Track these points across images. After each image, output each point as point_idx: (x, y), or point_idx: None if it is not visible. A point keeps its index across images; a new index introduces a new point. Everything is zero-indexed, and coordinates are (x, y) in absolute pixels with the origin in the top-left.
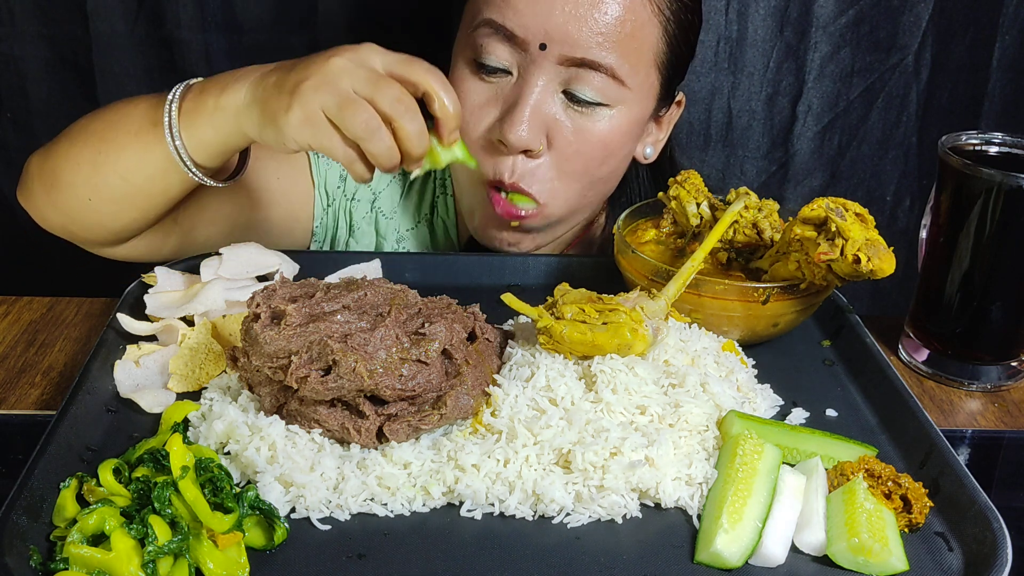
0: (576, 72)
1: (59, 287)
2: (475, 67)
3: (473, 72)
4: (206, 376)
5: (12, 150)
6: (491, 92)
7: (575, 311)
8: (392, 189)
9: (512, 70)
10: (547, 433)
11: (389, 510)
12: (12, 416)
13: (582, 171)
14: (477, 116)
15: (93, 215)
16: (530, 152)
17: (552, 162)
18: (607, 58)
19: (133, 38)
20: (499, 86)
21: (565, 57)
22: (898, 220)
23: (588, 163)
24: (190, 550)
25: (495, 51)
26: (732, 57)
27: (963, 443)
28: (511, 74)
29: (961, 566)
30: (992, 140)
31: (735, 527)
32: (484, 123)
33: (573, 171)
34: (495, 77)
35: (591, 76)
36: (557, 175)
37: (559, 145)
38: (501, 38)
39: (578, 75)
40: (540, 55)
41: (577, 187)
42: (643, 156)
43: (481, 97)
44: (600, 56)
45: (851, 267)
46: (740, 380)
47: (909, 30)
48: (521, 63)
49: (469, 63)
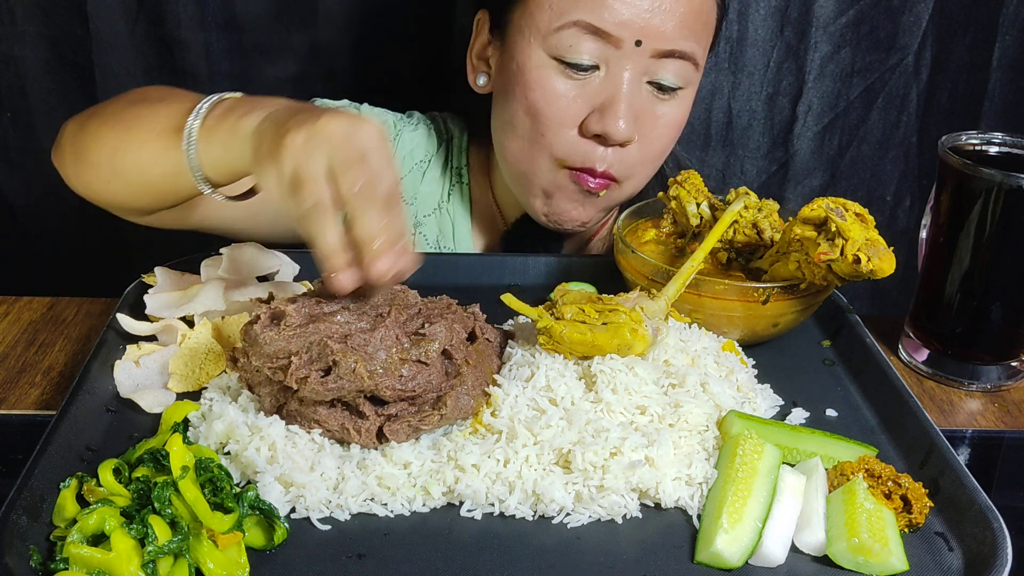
0: (662, 63)
1: (59, 287)
2: (561, 65)
3: (559, 70)
4: (206, 376)
5: (12, 150)
6: (578, 87)
7: (575, 311)
8: (413, 176)
9: (601, 65)
10: (547, 433)
11: (389, 510)
12: (12, 416)
13: (661, 153)
14: (565, 111)
15: (112, 195)
16: (626, 144)
17: (638, 148)
18: (691, 46)
19: (133, 38)
20: (587, 81)
21: (657, 51)
22: (898, 220)
23: (667, 145)
24: (190, 550)
25: (585, 49)
26: (732, 57)
27: (963, 443)
28: (599, 69)
29: (961, 566)
30: (992, 140)
31: (735, 527)
32: (574, 117)
33: (655, 154)
34: (584, 74)
35: (674, 63)
36: (641, 160)
37: (646, 132)
38: (591, 37)
39: (663, 64)
40: (634, 51)
41: (651, 168)
42: None
43: (569, 93)
44: (685, 46)
45: (851, 267)
46: (740, 380)
47: (909, 30)
48: (610, 58)
49: (553, 60)
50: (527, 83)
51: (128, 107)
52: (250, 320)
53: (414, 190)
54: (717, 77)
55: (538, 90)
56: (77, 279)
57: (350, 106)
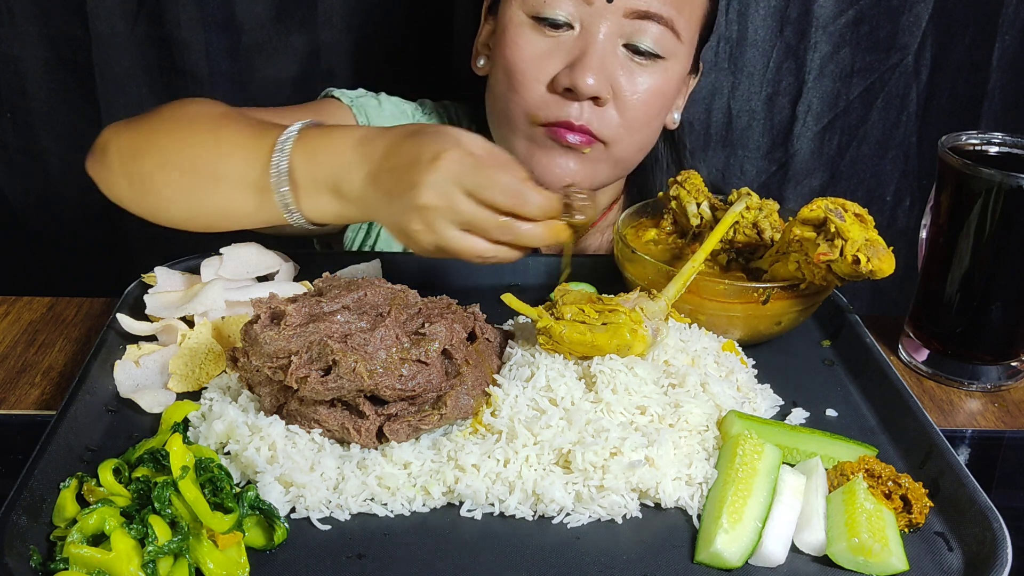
0: (638, 25)
1: (59, 287)
2: (536, 22)
3: (534, 27)
4: (206, 376)
5: (12, 150)
6: (552, 44)
7: (575, 311)
8: None
9: (575, 24)
10: (547, 433)
11: (389, 510)
12: (12, 416)
13: (644, 121)
14: (538, 67)
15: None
16: (598, 100)
17: (617, 111)
18: (668, 10)
19: (133, 38)
20: (560, 39)
21: (630, 10)
22: (898, 220)
23: (649, 113)
24: (190, 550)
25: (559, 4)
26: (732, 57)
27: (963, 443)
28: (573, 28)
29: (961, 566)
30: (992, 140)
31: (735, 527)
32: (547, 73)
33: (636, 121)
34: (558, 31)
35: (652, 28)
36: (621, 123)
37: (623, 95)
38: None
39: (640, 27)
40: (606, 8)
41: (637, 137)
42: (672, 121)
43: (542, 49)
44: (661, 8)
45: (851, 267)
46: (740, 380)
47: (909, 30)
48: (584, 16)
49: (528, 18)
50: (504, 42)
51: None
52: (250, 320)
53: None
54: (717, 77)
55: (512, 47)
56: (77, 279)
57: (367, 95)
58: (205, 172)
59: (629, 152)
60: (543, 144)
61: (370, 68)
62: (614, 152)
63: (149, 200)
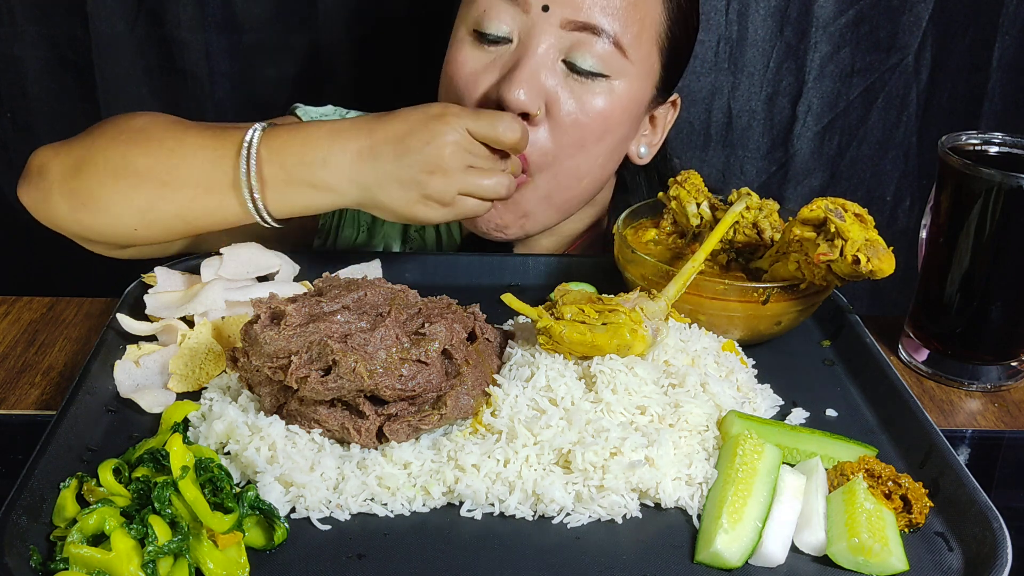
0: (578, 38)
1: (59, 287)
2: (476, 36)
3: (473, 41)
4: (206, 376)
5: (12, 150)
6: (490, 59)
7: (575, 311)
8: None
9: (513, 38)
10: (547, 433)
11: (389, 510)
12: (12, 416)
13: (579, 143)
14: (474, 81)
15: (129, 238)
16: (528, 117)
17: (550, 131)
18: (610, 24)
19: (133, 38)
20: (499, 53)
21: (568, 20)
22: (898, 220)
23: (586, 135)
24: (190, 550)
25: (497, 15)
26: (732, 57)
27: (963, 443)
28: (511, 42)
29: (961, 566)
30: (992, 140)
31: (735, 527)
32: (481, 88)
33: (571, 142)
34: (496, 46)
35: (593, 42)
36: (554, 146)
37: (557, 114)
38: (503, 2)
39: (580, 41)
40: (542, 17)
41: (572, 163)
42: (637, 155)
43: (479, 64)
44: (603, 21)
45: (851, 267)
46: (740, 380)
47: (909, 30)
48: (522, 29)
49: (470, 32)
50: (447, 59)
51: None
52: (250, 320)
53: None
54: (717, 77)
55: (452, 63)
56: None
57: (335, 112)
58: (162, 178)
59: (565, 180)
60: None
61: (370, 68)
62: (546, 182)
63: (93, 216)
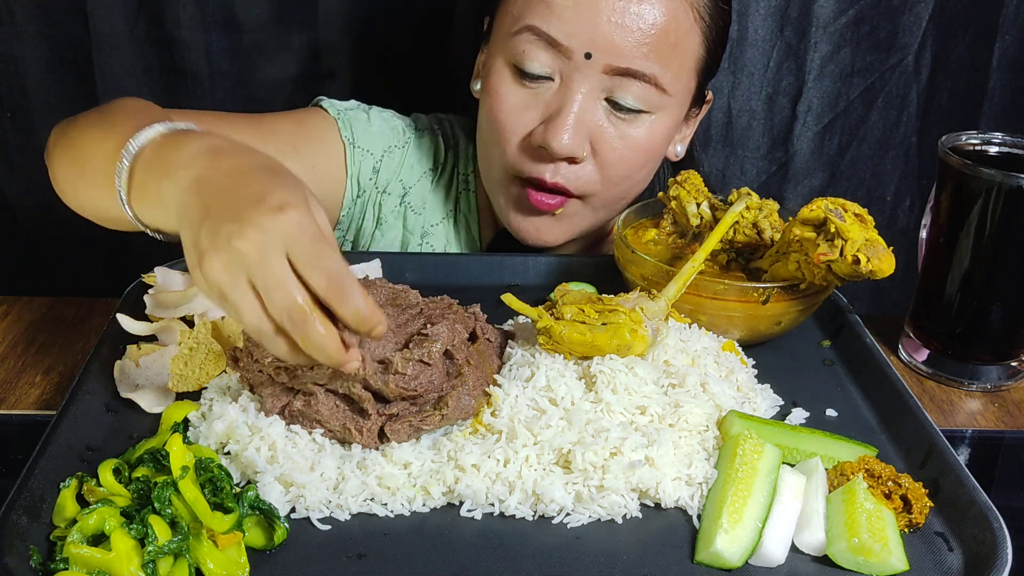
0: (619, 81)
1: (59, 287)
2: (516, 72)
3: (514, 77)
4: (206, 376)
5: (12, 150)
6: (532, 97)
7: (575, 311)
8: (422, 184)
9: (554, 77)
10: (547, 433)
11: (389, 510)
12: (12, 416)
13: (624, 175)
14: (516, 119)
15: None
16: (574, 159)
17: (596, 168)
18: (651, 67)
19: (133, 38)
20: (540, 91)
21: (610, 67)
22: (898, 220)
23: (630, 168)
24: (190, 550)
25: (537, 58)
26: (732, 57)
27: (963, 443)
28: (553, 80)
29: (961, 566)
30: (992, 140)
31: (735, 527)
32: (524, 126)
33: (616, 176)
34: (536, 83)
35: (634, 85)
36: (600, 179)
37: (602, 151)
38: (544, 45)
39: (621, 84)
40: (584, 64)
41: (618, 190)
42: (674, 154)
43: (521, 101)
44: (644, 66)
45: (851, 267)
46: (740, 380)
47: (909, 30)
48: (564, 70)
49: (509, 67)
50: (487, 89)
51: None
52: None
53: (423, 199)
54: (717, 77)
55: (494, 95)
56: (77, 279)
57: (358, 108)
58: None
59: (611, 200)
60: (519, 202)
61: (370, 68)
62: (593, 203)
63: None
